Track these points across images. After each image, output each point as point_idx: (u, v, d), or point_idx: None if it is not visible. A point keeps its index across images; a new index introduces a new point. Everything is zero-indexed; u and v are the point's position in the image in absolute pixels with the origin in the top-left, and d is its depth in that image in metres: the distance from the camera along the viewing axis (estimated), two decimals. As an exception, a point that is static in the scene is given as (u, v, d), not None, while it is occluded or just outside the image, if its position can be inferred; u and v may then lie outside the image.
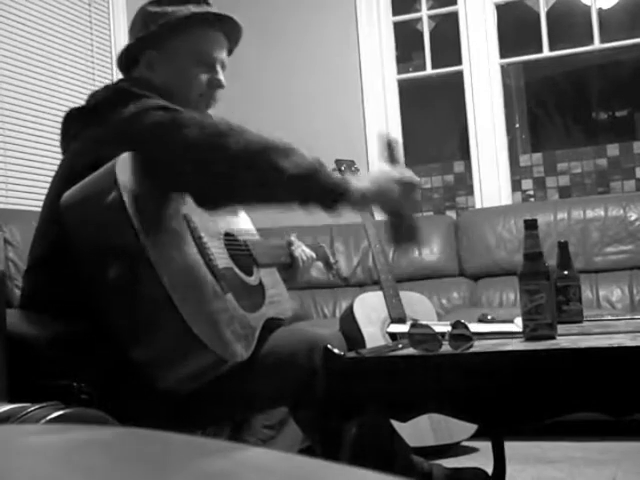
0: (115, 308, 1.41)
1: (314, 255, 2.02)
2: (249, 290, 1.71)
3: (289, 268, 1.96)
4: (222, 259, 1.65)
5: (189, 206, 1.57)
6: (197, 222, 1.60)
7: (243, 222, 1.90)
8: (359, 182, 1.49)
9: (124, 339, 1.40)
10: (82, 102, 1.70)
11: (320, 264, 2.22)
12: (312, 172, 1.42)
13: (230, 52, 1.82)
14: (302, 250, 1.98)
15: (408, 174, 1.55)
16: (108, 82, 1.74)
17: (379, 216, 1.86)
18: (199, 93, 1.73)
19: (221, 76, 1.75)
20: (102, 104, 1.61)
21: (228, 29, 1.78)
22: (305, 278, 1.95)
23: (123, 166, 1.43)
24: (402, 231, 1.60)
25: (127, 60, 1.75)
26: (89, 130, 1.58)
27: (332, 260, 2.24)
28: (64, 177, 1.59)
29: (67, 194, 1.46)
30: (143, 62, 1.73)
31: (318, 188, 1.43)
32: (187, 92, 1.71)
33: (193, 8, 1.72)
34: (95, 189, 1.44)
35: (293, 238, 1.99)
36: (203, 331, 1.39)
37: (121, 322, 1.41)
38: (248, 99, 4.24)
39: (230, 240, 1.75)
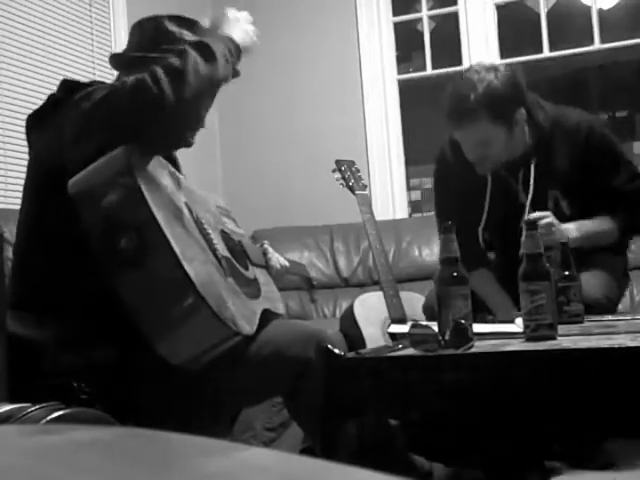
0: (129, 281, 1.41)
1: (287, 264, 2.05)
2: (246, 281, 1.74)
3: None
4: (222, 249, 1.70)
5: (189, 197, 1.60)
6: (198, 212, 1.64)
7: (233, 225, 1.96)
8: None
9: (138, 315, 1.41)
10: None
11: (293, 277, 2.26)
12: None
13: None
14: (276, 258, 2.01)
15: None
16: (109, 81, 1.72)
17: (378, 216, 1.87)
18: None
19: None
20: (59, 98, 1.63)
21: None
22: (278, 285, 1.98)
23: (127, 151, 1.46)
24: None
25: (122, 62, 1.73)
26: (50, 126, 1.61)
27: (312, 277, 2.29)
28: (40, 173, 1.69)
29: (74, 180, 1.47)
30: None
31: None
32: None
33: (197, 35, 1.70)
34: (107, 173, 1.46)
35: (266, 246, 2.02)
36: (212, 301, 1.42)
37: (135, 297, 1.42)
38: (248, 99, 4.24)
39: (226, 237, 1.80)
